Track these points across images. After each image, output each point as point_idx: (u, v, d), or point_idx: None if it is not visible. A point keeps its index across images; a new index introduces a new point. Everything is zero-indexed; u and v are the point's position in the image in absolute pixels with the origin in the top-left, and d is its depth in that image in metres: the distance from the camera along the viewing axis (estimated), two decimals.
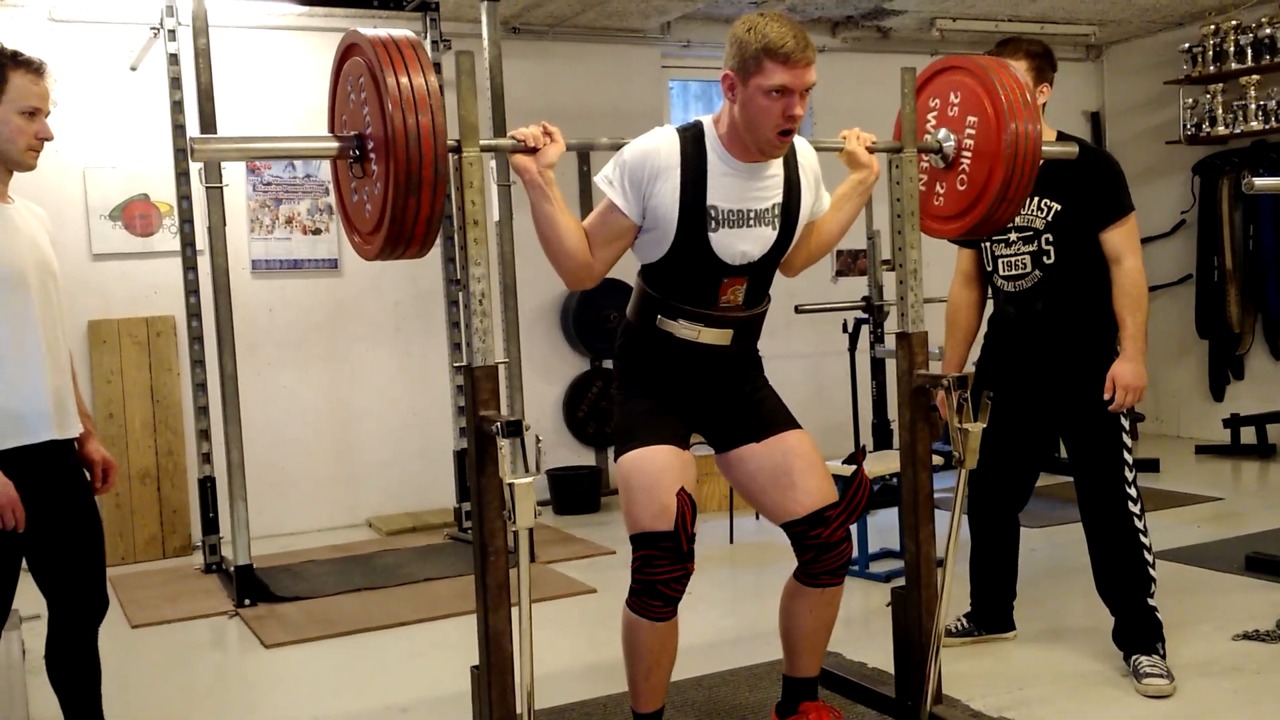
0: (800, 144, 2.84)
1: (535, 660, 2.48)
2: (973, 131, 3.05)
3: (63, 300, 2.86)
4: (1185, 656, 3.57)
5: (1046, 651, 3.72)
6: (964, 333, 3.79)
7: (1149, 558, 3.45)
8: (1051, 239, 3.45)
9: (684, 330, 2.74)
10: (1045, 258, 3.46)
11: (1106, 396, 3.35)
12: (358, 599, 4.77)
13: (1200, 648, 3.66)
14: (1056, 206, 3.42)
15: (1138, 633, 3.45)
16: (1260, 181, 3.81)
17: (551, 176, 2.60)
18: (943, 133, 3.12)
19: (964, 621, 3.84)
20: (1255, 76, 6.97)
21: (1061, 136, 3.52)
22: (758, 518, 5.86)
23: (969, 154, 3.07)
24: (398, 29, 2.40)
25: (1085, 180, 3.41)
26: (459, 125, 2.49)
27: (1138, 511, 3.45)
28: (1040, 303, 3.50)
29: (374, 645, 4.21)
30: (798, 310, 6.26)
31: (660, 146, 2.67)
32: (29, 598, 2.91)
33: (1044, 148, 3.08)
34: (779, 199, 2.74)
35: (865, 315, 6.23)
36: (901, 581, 3.23)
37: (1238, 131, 7.11)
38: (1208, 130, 7.27)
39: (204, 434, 5.37)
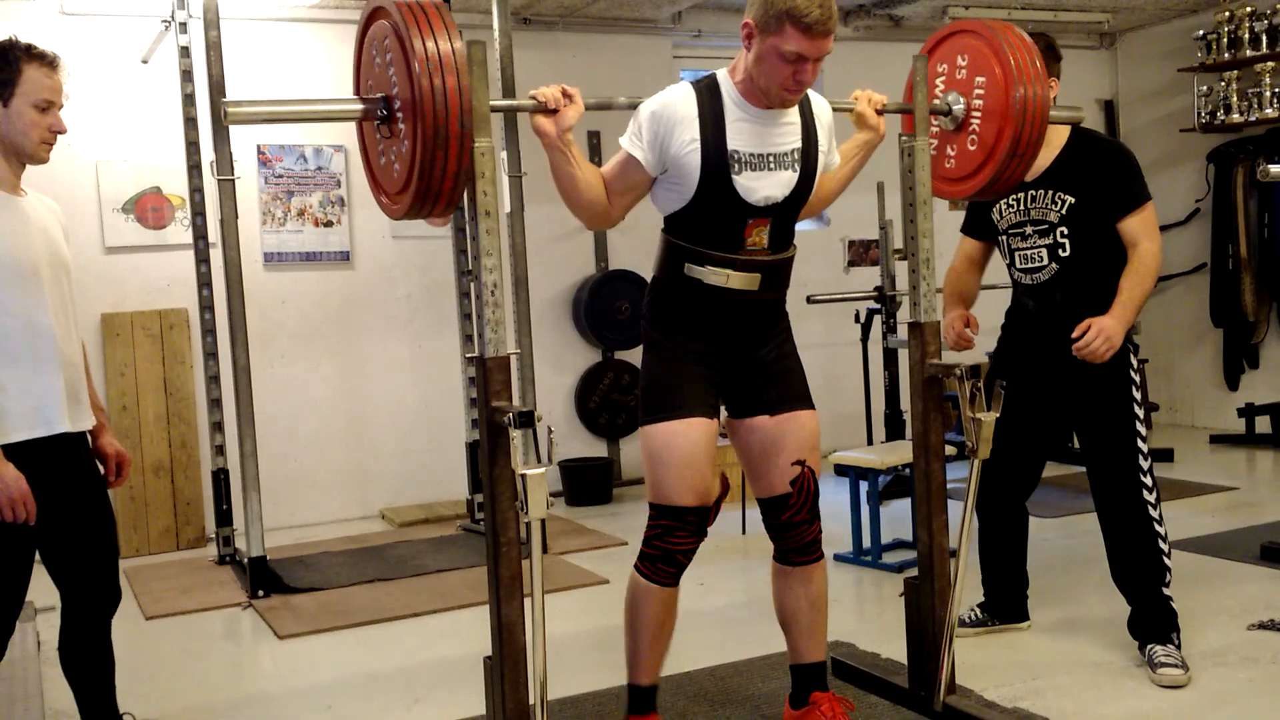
0: (816, 97, 2.88)
1: (548, 651, 2.48)
2: (981, 92, 3.09)
3: (75, 293, 2.87)
4: (1200, 646, 3.56)
5: (1061, 641, 3.71)
6: (964, 290, 3.76)
7: (1164, 547, 3.44)
8: (1066, 232, 3.44)
9: (713, 276, 2.75)
10: (1061, 250, 3.46)
11: (1076, 334, 3.31)
12: (371, 590, 4.79)
13: (1215, 638, 3.65)
14: (1070, 199, 3.41)
15: (1153, 622, 3.44)
16: (1275, 169, 3.80)
17: (570, 138, 2.65)
18: (952, 95, 3.15)
19: (978, 612, 3.83)
20: (1270, 64, 6.93)
21: (1075, 130, 3.50)
22: None
23: (978, 115, 3.11)
24: None
25: (1100, 172, 3.40)
26: (472, 115, 2.48)
27: (1153, 501, 3.44)
28: (1059, 294, 3.49)
29: (387, 636, 4.22)
30: (810, 300, 6.25)
31: (676, 100, 2.72)
32: (43, 589, 2.92)
33: (1053, 113, 3.10)
34: (798, 144, 2.79)
35: (877, 305, 6.22)
36: (914, 572, 3.23)
37: (1252, 119, 7.06)
38: (1222, 118, 7.22)
39: (217, 426, 5.39)
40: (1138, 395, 3.46)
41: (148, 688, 3.71)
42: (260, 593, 4.71)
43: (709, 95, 2.72)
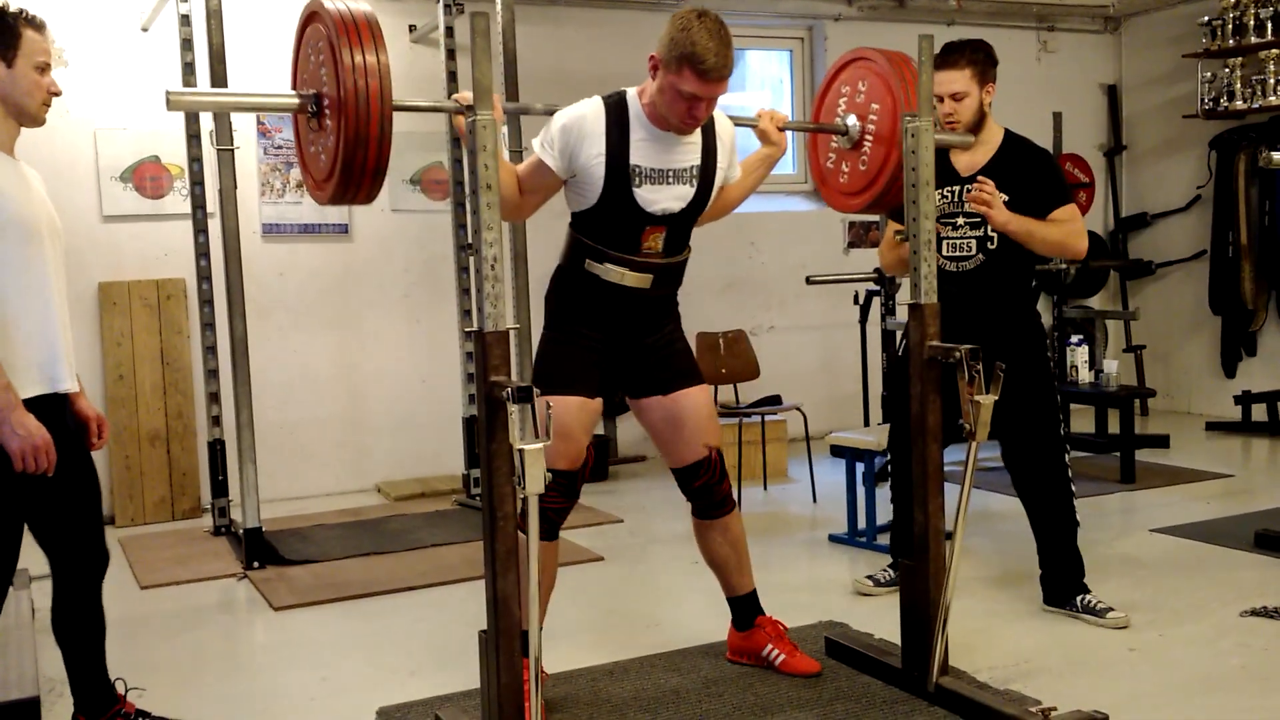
0: (719, 116, 3.12)
1: (542, 625, 2.48)
2: (875, 118, 3.27)
3: (63, 259, 2.88)
4: (1193, 632, 3.58)
5: (1052, 624, 3.72)
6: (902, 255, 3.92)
7: (1074, 505, 3.80)
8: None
9: (610, 273, 3.05)
10: (989, 243, 3.71)
11: (980, 184, 3.54)
12: (366, 563, 4.79)
13: (1209, 624, 3.67)
14: (1004, 197, 3.62)
15: (1067, 573, 3.78)
16: (1278, 156, 3.82)
17: None
18: (851, 118, 3.33)
19: (890, 573, 4.06)
20: (1275, 50, 6.91)
21: (1009, 135, 3.76)
22: (765, 488, 5.88)
23: (870, 138, 3.30)
24: (356, 3, 2.52)
25: (1032, 172, 3.67)
26: (473, 88, 2.49)
27: (1071, 475, 3.81)
28: (981, 283, 3.74)
29: (382, 609, 4.23)
30: (809, 281, 6.24)
31: (587, 114, 2.97)
32: (40, 557, 2.92)
33: (936, 136, 3.23)
34: (697, 161, 3.06)
35: (877, 287, 6.21)
36: None
37: (1256, 106, 7.04)
38: (1225, 105, 7.20)
39: (214, 397, 5.38)
40: (1055, 380, 3.80)
41: (142, 657, 3.71)
42: (255, 564, 4.71)
43: (617, 113, 2.98)
